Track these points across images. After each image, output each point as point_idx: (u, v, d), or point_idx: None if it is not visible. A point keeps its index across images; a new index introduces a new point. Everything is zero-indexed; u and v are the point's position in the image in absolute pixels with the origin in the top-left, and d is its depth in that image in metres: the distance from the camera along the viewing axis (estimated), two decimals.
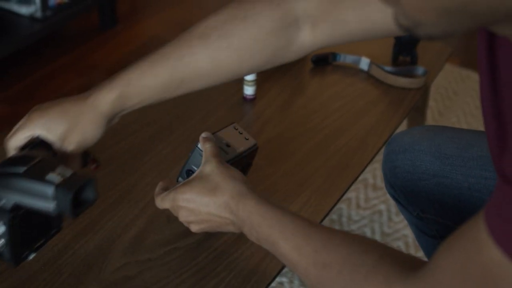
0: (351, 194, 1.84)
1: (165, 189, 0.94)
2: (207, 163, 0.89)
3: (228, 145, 0.99)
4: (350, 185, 1.14)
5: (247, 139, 1.02)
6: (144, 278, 0.95)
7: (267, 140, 1.23)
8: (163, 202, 0.92)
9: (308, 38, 0.91)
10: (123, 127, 1.23)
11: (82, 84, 1.39)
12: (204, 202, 0.87)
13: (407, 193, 1.12)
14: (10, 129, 0.91)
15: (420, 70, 1.47)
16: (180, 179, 0.99)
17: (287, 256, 0.77)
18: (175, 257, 0.98)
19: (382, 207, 1.81)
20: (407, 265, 0.67)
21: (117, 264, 0.97)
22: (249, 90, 1.34)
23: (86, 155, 0.94)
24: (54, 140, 0.88)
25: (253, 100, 1.35)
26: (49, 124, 0.87)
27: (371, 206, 1.82)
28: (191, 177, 0.90)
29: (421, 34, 0.54)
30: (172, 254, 0.98)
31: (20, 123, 0.89)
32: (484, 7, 0.52)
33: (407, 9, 0.53)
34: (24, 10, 2.46)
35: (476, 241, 0.57)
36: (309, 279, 0.74)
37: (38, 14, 2.43)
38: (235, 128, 1.03)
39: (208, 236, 1.00)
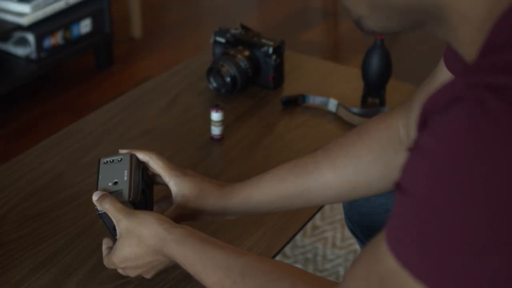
0: (328, 233, 1.88)
1: (110, 247, 0.98)
2: (118, 223, 0.93)
3: (115, 183, 0.98)
4: (306, 223, 1.18)
5: (119, 160, 1.00)
6: None
7: (229, 179, 1.27)
8: (109, 266, 0.97)
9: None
10: (90, 164, 1.28)
11: (75, 123, 1.45)
12: (139, 256, 0.92)
13: (363, 227, 1.15)
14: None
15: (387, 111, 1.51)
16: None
17: None
18: None
19: (357, 247, 1.84)
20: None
21: None
22: (216, 130, 1.39)
23: None
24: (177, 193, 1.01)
25: (220, 140, 1.40)
26: (183, 186, 1.01)
27: (347, 246, 1.85)
28: (117, 241, 0.95)
29: (364, 28, 0.63)
30: (125, 287, 1.02)
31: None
32: (403, 3, 0.58)
33: (348, 5, 0.62)
34: (20, 51, 2.54)
35: (376, 252, 0.61)
36: None
37: (33, 56, 2.51)
38: (104, 163, 1.01)
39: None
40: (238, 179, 1.25)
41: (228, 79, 1.51)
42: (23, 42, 2.54)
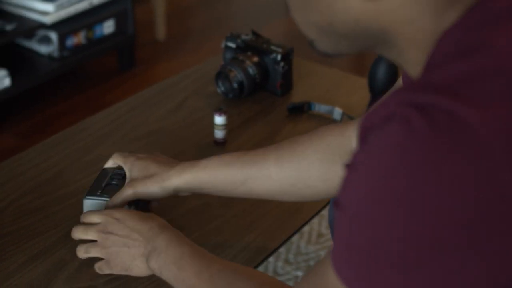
0: (305, 228, 1.88)
1: None
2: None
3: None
4: (298, 230, 1.19)
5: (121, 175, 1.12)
6: None
7: None
8: (101, 216, 1.02)
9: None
10: (91, 163, 1.31)
11: (81, 122, 1.48)
12: (132, 219, 0.99)
13: None
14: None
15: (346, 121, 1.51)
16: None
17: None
18: (116, 285, 1.04)
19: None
20: None
21: None
22: (219, 134, 1.40)
23: None
24: (128, 177, 1.09)
25: (223, 144, 1.41)
26: (133, 168, 1.09)
27: (324, 241, 1.85)
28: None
29: (318, 51, 0.65)
30: (113, 282, 1.04)
31: (118, 154, 1.14)
32: (345, 29, 0.60)
33: (300, 28, 0.64)
34: (43, 49, 2.59)
35: (323, 266, 0.62)
36: None
37: (56, 54, 2.56)
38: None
39: None
40: None
41: (235, 84, 1.53)
42: (46, 40, 2.59)
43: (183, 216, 1.19)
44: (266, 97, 1.58)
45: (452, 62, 0.56)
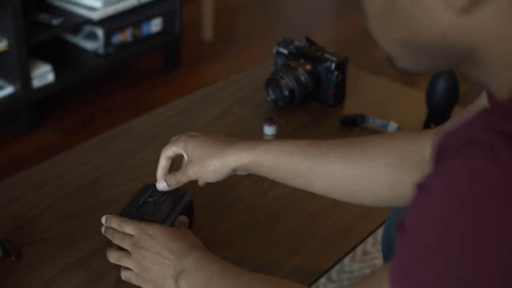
0: (378, 260, 1.80)
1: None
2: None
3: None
4: (347, 253, 1.12)
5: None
6: None
7: (274, 197, 1.22)
8: (133, 229, 0.99)
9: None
10: (133, 168, 1.26)
11: (125, 124, 1.43)
12: (164, 237, 0.96)
13: None
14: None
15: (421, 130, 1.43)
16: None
17: None
18: None
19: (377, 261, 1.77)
20: None
21: None
22: None
23: (7, 245, 0.98)
24: (186, 157, 1.03)
25: None
26: (188, 145, 1.03)
27: (368, 260, 1.77)
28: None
29: (396, 66, 0.59)
30: None
31: (173, 139, 1.07)
32: (430, 45, 0.53)
33: (379, 43, 0.59)
34: (89, 45, 2.56)
35: (378, 284, 0.58)
36: None
37: (101, 51, 2.52)
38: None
39: None
40: (283, 200, 1.21)
41: (286, 92, 1.46)
42: (92, 36, 2.55)
43: (228, 231, 1.13)
44: (317, 107, 1.51)
45: None
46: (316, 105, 1.51)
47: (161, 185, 1.06)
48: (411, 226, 0.52)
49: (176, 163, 1.08)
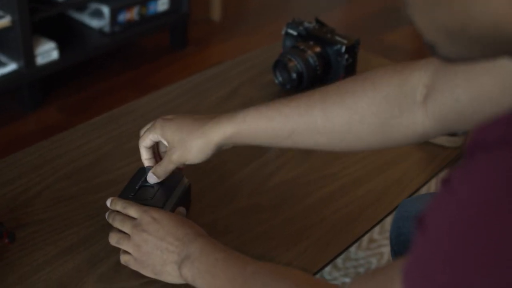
0: (384, 248, 1.77)
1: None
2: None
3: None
4: (354, 242, 1.08)
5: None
6: None
7: (279, 182, 1.18)
8: (136, 212, 0.96)
9: (420, 113, 0.87)
10: (135, 150, 1.22)
11: (128, 104, 1.39)
12: (169, 222, 0.93)
13: None
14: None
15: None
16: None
17: None
18: None
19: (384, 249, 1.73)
20: None
21: None
22: None
23: (0, 227, 0.94)
24: (166, 144, 1.00)
25: None
26: (166, 131, 0.99)
27: (375, 248, 1.73)
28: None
29: (439, 55, 0.54)
30: (149, 286, 0.95)
31: (147, 126, 1.04)
32: (479, 33, 0.49)
33: (420, 29, 0.54)
34: (94, 23, 2.51)
35: (390, 279, 0.55)
36: None
37: (107, 29, 2.48)
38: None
39: None
40: (287, 184, 1.17)
41: (294, 75, 1.42)
42: (98, 14, 2.51)
43: (230, 216, 1.09)
44: None
45: None
46: None
47: (152, 179, 1.02)
48: (432, 224, 0.48)
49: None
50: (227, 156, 1.23)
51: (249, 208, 1.11)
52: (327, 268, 1.70)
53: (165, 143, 1.01)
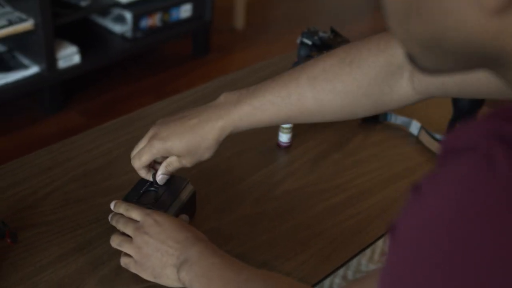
0: None
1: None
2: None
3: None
4: (356, 255, 1.08)
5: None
6: None
7: (286, 191, 1.18)
8: (139, 215, 0.97)
9: (407, 87, 0.93)
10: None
11: (141, 109, 1.40)
12: (171, 226, 0.94)
13: None
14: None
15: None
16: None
17: None
18: None
19: None
20: None
21: None
22: (283, 137, 1.30)
23: (3, 227, 0.95)
24: (173, 158, 1.02)
25: (287, 148, 1.31)
26: (169, 150, 1.00)
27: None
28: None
29: (417, 66, 0.56)
30: None
31: (142, 145, 1.03)
32: (454, 46, 0.49)
33: (399, 41, 0.55)
34: (117, 28, 2.54)
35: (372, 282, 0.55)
36: None
37: (129, 34, 2.50)
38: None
39: None
40: (293, 193, 1.17)
41: None
42: (121, 19, 2.53)
43: (234, 223, 1.10)
44: None
45: None
46: None
47: (160, 178, 1.04)
48: (400, 232, 0.48)
49: None
50: (235, 163, 1.24)
51: (254, 216, 1.12)
52: (337, 280, 1.69)
53: (170, 156, 1.02)
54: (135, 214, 0.97)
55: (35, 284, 0.96)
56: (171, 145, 0.99)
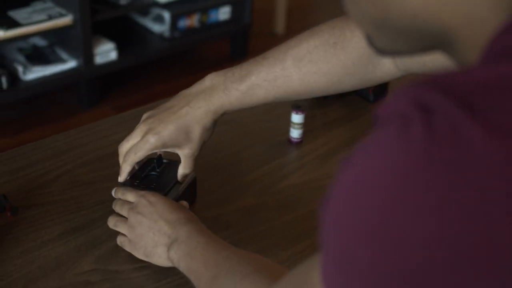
0: None
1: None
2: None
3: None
4: None
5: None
6: (102, 287, 0.95)
7: (290, 185, 1.20)
8: (132, 196, 1.00)
9: (391, 66, 0.98)
10: None
11: (158, 101, 1.43)
12: (163, 206, 0.96)
13: None
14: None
15: None
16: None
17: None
18: (141, 275, 0.98)
19: None
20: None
21: (86, 268, 0.98)
22: (294, 133, 1.31)
23: (4, 201, 0.98)
24: (171, 150, 1.03)
25: (298, 143, 1.32)
26: (165, 142, 1.01)
27: None
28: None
29: (375, 48, 0.57)
30: (140, 271, 0.98)
31: (134, 139, 1.04)
32: (401, 24, 0.51)
33: (354, 20, 0.57)
34: (156, 28, 2.59)
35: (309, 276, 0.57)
36: None
37: (167, 34, 2.55)
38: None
39: None
40: (297, 187, 1.19)
41: None
42: (160, 19, 2.58)
43: (233, 212, 1.12)
44: (357, 102, 1.47)
45: (487, 64, 0.45)
46: (356, 100, 1.47)
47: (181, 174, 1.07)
48: (328, 200, 0.49)
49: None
50: (244, 156, 1.26)
51: (255, 206, 1.13)
52: None
53: (168, 149, 1.04)
54: (131, 196, 1.00)
55: (34, 259, 0.99)
56: (167, 138, 1.01)
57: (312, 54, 0.98)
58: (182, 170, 1.05)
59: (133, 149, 1.03)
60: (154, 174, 1.07)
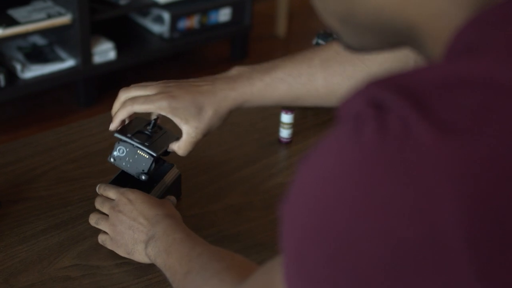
0: None
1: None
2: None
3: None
4: None
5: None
6: (83, 282, 0.95)
7: (278, 184, 1.19)
8: (113, 193, 1.00)
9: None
10: None
11: None
12: (142, 203, 0.96)
13: None
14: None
15: None
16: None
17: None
18: (122, 271, 0.98)
19: None
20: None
21: (67, 263, 0.98)
22: (284, 133, 1.31)
23: None
24: (177, 121, 0.99)
25: (288, 143, 1.32)
26: (175, 109, 0.98)
27: None
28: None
29: (343, 43, 0.56)
30: (121, 267, 0.98)
31: (142, 91, 1.02)
32: (366, 20, 0.51)
33: (320, 16, 0.56)
34: (156, 28, 2.59)
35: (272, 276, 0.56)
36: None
37: (166, 35, 2.55)
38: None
39: None
40: (286, 184, 1.18)
41: None
42: (160, 20, 2.59)
43: (220, 211, 1.11)
44: None
45: (448, 60, 0.45)
46: None
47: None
48: (286, 197, 0.48)
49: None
50: (233, 155, 1.26)
51: (240, 205, 1.13)
52: None
53: (175, 120, 1.00)
54: (111, 193, 1.00)
55: (15, 253, 0.99)
56: (180, 106, 0.98)
57: (340, 55, 0.98)
58: (176, 148, 1.02)
59: (140, 99, 1.00)
60: (147, 133, 1.03)
